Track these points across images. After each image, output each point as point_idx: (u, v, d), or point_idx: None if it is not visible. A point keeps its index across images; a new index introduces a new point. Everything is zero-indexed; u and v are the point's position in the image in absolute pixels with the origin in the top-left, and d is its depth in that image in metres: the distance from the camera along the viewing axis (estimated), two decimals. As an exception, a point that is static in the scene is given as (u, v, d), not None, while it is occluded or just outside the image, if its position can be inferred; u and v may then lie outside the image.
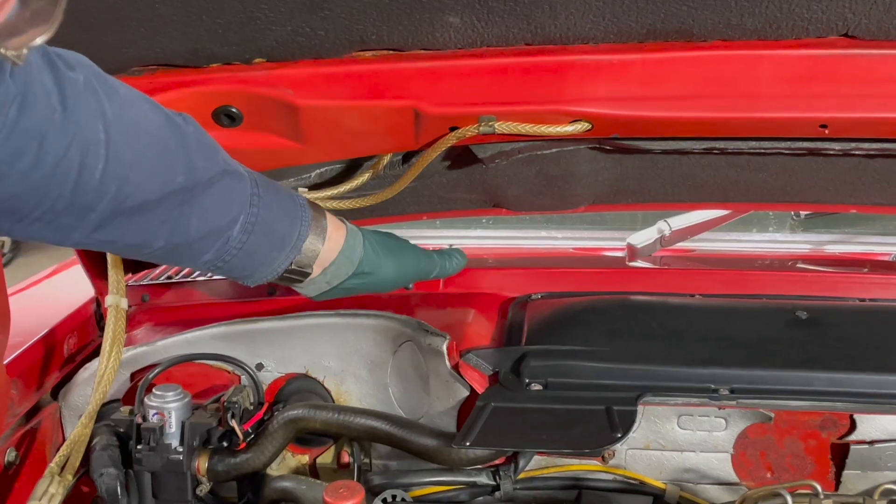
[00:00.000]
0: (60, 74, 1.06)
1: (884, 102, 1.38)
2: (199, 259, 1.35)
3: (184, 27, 1.37)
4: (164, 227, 1.24)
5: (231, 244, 1.35)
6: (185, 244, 1.30)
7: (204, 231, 1.30)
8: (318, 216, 1.49)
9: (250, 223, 1.35)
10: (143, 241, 1.25)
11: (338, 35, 1.40)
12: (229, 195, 1.32)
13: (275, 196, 1.41)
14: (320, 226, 1.48)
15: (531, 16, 1.34)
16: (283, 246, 1.43)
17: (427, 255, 1.74)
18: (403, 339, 1.82)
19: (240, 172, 1.36)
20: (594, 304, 1.96)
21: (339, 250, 1.51)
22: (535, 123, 1.46)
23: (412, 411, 1.83)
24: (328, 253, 1.50)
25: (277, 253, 1.43)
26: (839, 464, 1.76)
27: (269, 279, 1.48)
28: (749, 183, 1.83)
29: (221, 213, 1.31)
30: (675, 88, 1.42)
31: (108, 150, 1.11)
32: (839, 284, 2.10)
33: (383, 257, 1.60)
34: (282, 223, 1.42)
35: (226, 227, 1.33)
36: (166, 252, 1.30)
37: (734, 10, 1.31)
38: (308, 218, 1.46)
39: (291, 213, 1.44)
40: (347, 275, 1.55)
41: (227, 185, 1.31)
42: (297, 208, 1.45)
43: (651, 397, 1.63)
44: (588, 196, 1.94)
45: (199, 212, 1.27)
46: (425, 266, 1.73)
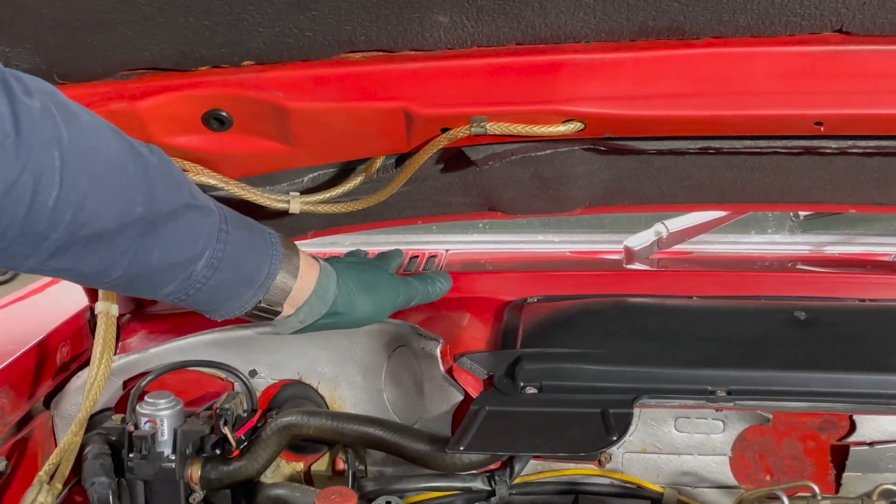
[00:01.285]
0: (15, 99, 1.04)
1: (879, 99, 1.36)
2: (161, 291, 1.33)
3: (170, 29, 1.36)
4: (124, 258, 1.22)
5: (195, 278, 1.33)
6: (146, 276, 1.28)
7: (166, 263, 1.28)
8: (291, 254, 1.48)
9: (216, 258, 1.33)
10: (101, 270, 1.23)
11: (326, 36, 1.39)
12: (194, 229, 1.30)
13: (245, 233, 1.40)
14: (292, 264, 1.47)
15: (521, 15, 1.33)
16: (251, 283, 1.42)
17: (406, 284, 1.72)
18: (397, 344, 1.80)
19: (208, 207, 1.34)
20: (590, 306, 1.94)
21: (312, 290, 1.51)
22: (527, 124, 1.45)
23: (407, 416, 1.82)
24: (300, 292, 1.49)
25: (245, 289, 1.42)
26: (839, 466, 1.74)
27: (238, 314, 1.46)
28: (746, 183, 1.82)
29: (185, 246, 1.29)
30: (667, 87, 1.41)
31: (62, 176, 1.08)
32: (839, 285, 2.09)
33: (358, 295, 1.59)
34: (250, 260, 1.41)
35: (189, 261, 1.31)
36: (126, 282, 1.28)
37: (726, 6, 1.30)
38: (279, 256, 1.45)
39: (262, 250, 1.43)
40: (321, 314, 1.55)
41: (192, 219, 1.29)
42: (269, 246, 1.44)
43: (647, 399, 1.62)
44: (584, 198, 1.92)
45: (161, 244, 1.25)
46: (404, 298, 1.71)
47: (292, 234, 1.96)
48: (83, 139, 1.12)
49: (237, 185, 1.62)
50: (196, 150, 1.56)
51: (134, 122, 1.48)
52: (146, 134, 1.51)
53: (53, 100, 1.11)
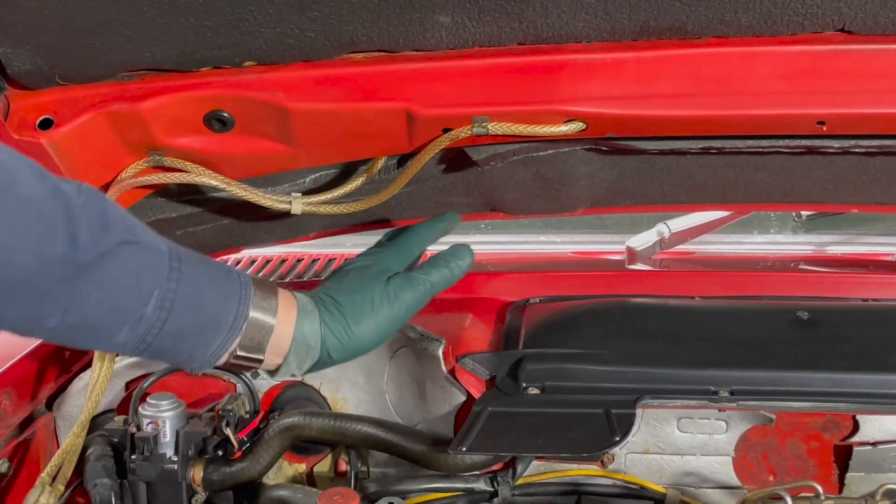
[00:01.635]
0: None
1: (881, 98, 1.36)
2: (114, 340, 1.21)
3: (172, 30, 1.36)
4: (56, 306, 1.14)
5: (147, 322, 1.19)
6: (89, 324, 1.18)
7: (108, 308, 1.17)
8: (266, 294, 1.32)
9: (168, 299, 1.20)
10: (31, 318, 1.15)
11: (327, 37, 1.38)
12: (135, 269, 1.18)
13: (204, 271, 1.26)
14: (268, 305, 1.31)
15: (522, 15, 1.33)
16: (217, 326, 1.26)
17: (413, 285, 1.45)
18: (399, 345, 1.80)
19: (153, 245, 1.22)
20: (592, 306, 1.94)
21: (292, 338, 1.33)
22: (528, 124, 1.45)
23: (409, 417, 1.82)
24: (281, 339, 1.32)
25: (212, 334, 1.26)
26: (842, 466, 1.74)
27: (216, 364, 1.31)
28: (748, 183, 1.82)
29: (126, 288, 1.18)
30: (669, 86, 1.40)
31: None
32: (841, 285, 2.09)
33: (353, 325, 1.38)
34: (213, 300, 1.26)
35: (135, 303, 1.19)
36: (68, 331, 1.18)
37: (728, 5, 1.30)
38: (249, 295, 1.29)
39: (227, 289, 1.28)
40: (314, 359, 1.37)
41: (131, 258, 1.18)
42: (237, 286, 1.28)
43: (650, 400, 1.62)
44: (586, 198, 1.92)
45: (97, 287, 1.15)
46: (414, 302, 1.45)
47: (294, 234, 1.96)
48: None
49: (239, 185, 1.61)
50: (198, 151, 1.55)
51: (135, 123, 1.48)
52: (148, 135, 1.51)
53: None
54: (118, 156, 1.56)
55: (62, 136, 1.46)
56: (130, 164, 1.58)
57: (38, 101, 1.47)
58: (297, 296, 1.37)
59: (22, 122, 1.46)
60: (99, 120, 1.47)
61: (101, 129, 1.49)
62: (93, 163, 1.55)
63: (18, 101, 1.47)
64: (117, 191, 1.57)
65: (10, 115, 1.46)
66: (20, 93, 1.47)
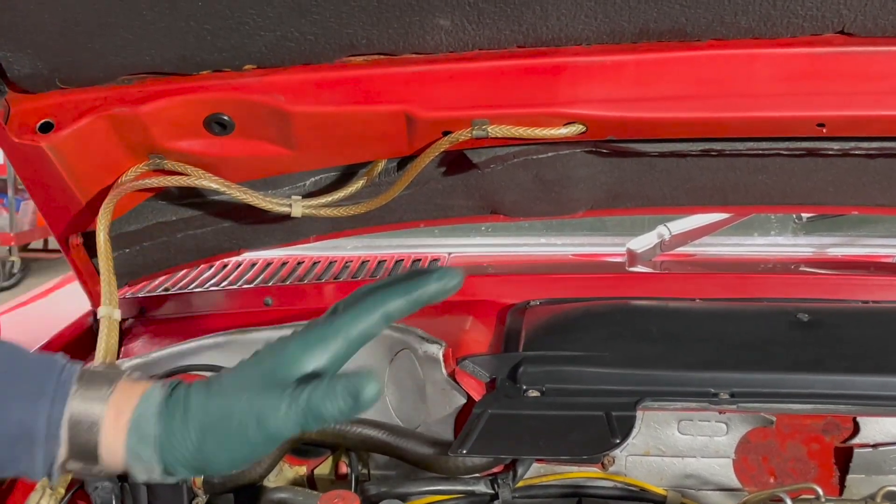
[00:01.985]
0: None
1: (881, 99, 1.36)
2: None
3: (172, 34, 1.36)
4: None
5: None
6: None
7: None
8: (95, 391, 1.04)
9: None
10: None
11: (327, 40, 1.39)
12: None
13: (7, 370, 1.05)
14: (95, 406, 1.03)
15: (522, 17, 1.33)
16: (31, 438, 1.02)
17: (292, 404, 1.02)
18: (400, 348, 1.80)
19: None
20: (592, 309, 1.94)
21: (123, 449, 1.04)
22: (528, 126, 1.45)
23: (409, 420, 1.81)
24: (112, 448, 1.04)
25: (27, 446, 1.02)
26: (843, 468, 1.74)
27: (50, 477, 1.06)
28: (749, 185, 1.82)
29: None
30: (669, 89, 1.41)
31: None
32: (842, 287, 2.09)
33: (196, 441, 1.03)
34: (16, 408, 1.02)
35: None
36: None
37: (727, 8, 1.30)
38: (65, 395, 1.03)
39: (37, 390, 1.03)
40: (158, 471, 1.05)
41: None
42: (51, 385, 1.03)
43: (650, 402, 1.61)
44: (586, 201, 1.92)
45: None
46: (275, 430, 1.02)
47: (295, 238, 1.96)
48: None
49: (239, 189, 1.61)
50: (198, 154, 1.56)
51: (136, 127, 1.49)
52: (148, 138, 1.52)
53: None
54: (118, 159, 1.56)
55: (63, 140, 1.47)
56: (131, 168, 1.58)
57: (39, 104, 1.47)
58: (153, 388, 1.07)
59: (22, 125, 1.46)
60: (99, 123, 1.47)
61: (101, 132, 1.49)
62: (93, 166, 1.55)
63: (19, 104, 1.47)
64: (117, 194, 1.57)
65: (10, 119, 1.47)
66: (21, 96, 1.47)
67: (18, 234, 8.94)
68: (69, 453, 1.04)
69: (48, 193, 1.62)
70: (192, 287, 2.21)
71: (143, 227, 1.76)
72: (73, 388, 1.03)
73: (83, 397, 1.03)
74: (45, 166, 1.51)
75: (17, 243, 9.05)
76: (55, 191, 1.59)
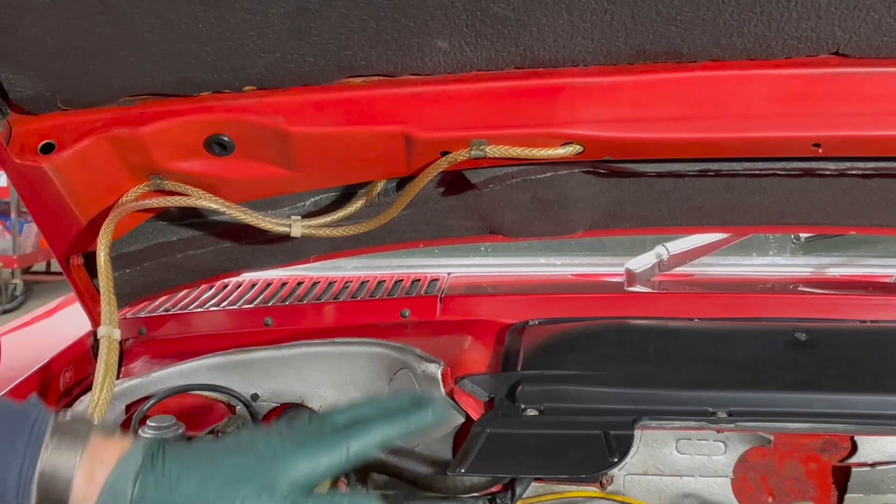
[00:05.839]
0: None
1: (875, 120, 1.37)
2: None
3: (172, 55, 1.37)
4: None
5: None
6: None
7: None
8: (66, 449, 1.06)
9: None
10: None
11: (327, 61, 1.40)
12: None
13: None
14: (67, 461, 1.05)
15: (519, 39, 1.34)
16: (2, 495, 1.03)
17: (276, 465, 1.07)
18: (398, 367, 1.80)
19: None
20: (591, 328, 1.95)
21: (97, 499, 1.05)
22: (526, 146, 1.46)
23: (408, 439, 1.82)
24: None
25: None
26: (841, 487, 1.74)
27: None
28: (746, 205, 1.82)
29: None
30: (666, 110, 1.41)
31: None
32: (839, 306, 2.09)
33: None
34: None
35: None
36: None
37: (723, 30, 1.31)
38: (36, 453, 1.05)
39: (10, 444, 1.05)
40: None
41: None
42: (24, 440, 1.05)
43: (648, 421, 1.62)
44: (584, 221, 1.93)
45: None
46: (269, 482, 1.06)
47: (295, 258, 1.97)
48: None
49: (239, 209, 1.62)
50: (198, 174, 1.56)
51: (136, 148, 1.49)
52: (149, 159, 1.52)
53: None
54: (119, 180, 1.57)
55: (64, 161, 1.48)
56: (131, 188, 1.59)
57: (40, 125, 1.48)
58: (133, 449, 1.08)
59: (24, 146, 1.47)
60: (100, 144, 1.48)
61: (102, 153, 1.50)
62: (94, 187, 1.56)
63: (21, 125, 1.48)
64: (118, 214, 1.58)
65: (12, 140, 1.48)
66: (22, 117, 1.48)
67: (21, 257, 8.93)
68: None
69: (49, 214, 1.63)
70: (193, 307, 2.21)
71: (143, 248, 1.77)
72: (44, 443, 1.04)
73: (55, 454, 1.05)
74: (47, 187, 1.51)
75: (21, 266, 9.03)
76: (56, 211, 1.60)
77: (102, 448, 1.07)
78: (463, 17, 1.29)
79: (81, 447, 1.06)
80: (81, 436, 1.07)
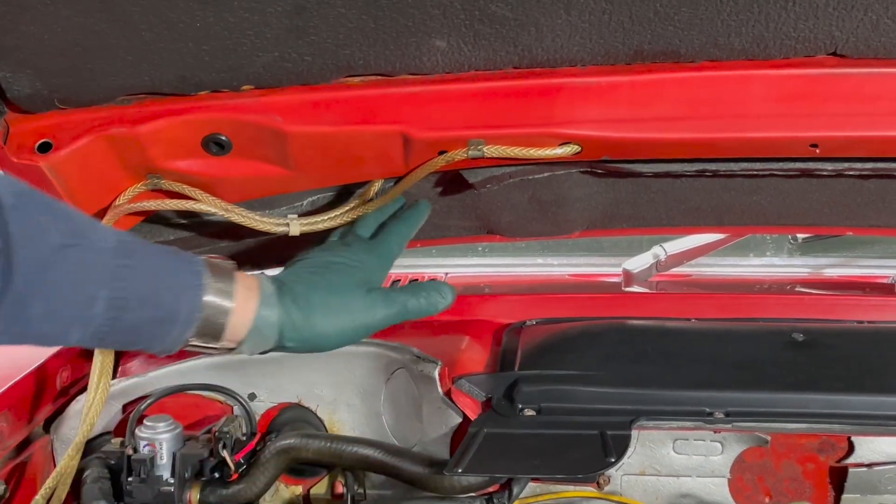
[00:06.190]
0: None
1: (873, 120, 1.37)
2: (65, 341, 1.18)
3: (170, 55, 1.37)
4: None
5: (96, 322, 1.14)
6: (36, 332, 1.13)
7: (52, 316, 1.11)
8: (224, 283, 1.26)
9: (118, 299, 1.14)
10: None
11: (325, 61, 1.39)
12: (78, 274, 1.11)
13: (155, 264, 1.20)
14: (225, 295, 1.25)
15: (517, 39, 1.34)
16: (173, 320, 1.21)
17: (388, 302, 1.41)
18: (396, 367, 1.80)
19: (96, 244, 1.14)
20: (588, 328, 1.95)
21: (250, 326, 1.28)
22: (524, 146, 1.45)
23: (405, 439, 1.82)
24: (237, 329, 1.27)
25: (168, 327, 1.21)
26: (838, 487, 1.74)
27: (171, 351, 1.26)
28: (744, 206, 1.82)
29: (69, 294, 1.11)
30: (663, 109, 1.41)
31: None
32: (836, 307, 2.09)
33: (319, 325, 1.34)
34: (166, 295, 1.20)
35: (81, 308, 1.12)
36: (16, 339, 1.12)
37: (721, 30, 1.31)
38: (201, 287, 1.23)
39: (181, 282, 1.22)
40: (268, 347, 1.33)
41: (71, 264, 1.11)
42: (190, 276, 1.23)
43: (645, 421, 1.62)
44: (582, 221, 1.93)
45: (39, 298, 1.08)
46: (384, 318, 1.40)
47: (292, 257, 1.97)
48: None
49: (236, 209, 1.62)
50: (196, 174, 1.56)
51: (134, 147, 1.49)
52: (146, 158, 1.52)
53: None
54: (117, 179, 1.57)
55: (61, 160, 1.47)
56: (129, 188, 1.58)
57: (38, 124, 1.48)
58: (262, 282, 1.32)
59: (21, 145, 1.47)
60: (98, 143, 1.48)
61: (99, 152, 1.49)
62: (91, 186, 1.56)
63: (18, 124, 1.48)
64: (115, 214, 1.57)
65: (9, 139, 1.47)
66: (20, 116, 1.47)
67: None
68: (196, 333, 1.24)
69: (46, 213, 1.62)
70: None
71: (140, 247, 1.76)
72: (208, 281, 1.24)
73: (215, 289, 1.24)
74: (44, 186, 1.51)
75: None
76: (53, 210, 1.60)
77: (246, 281, 1.29)
78: (461, 16, 1.29)
79: (232, 280, 1.27)
80: (228, 271, 1.28)
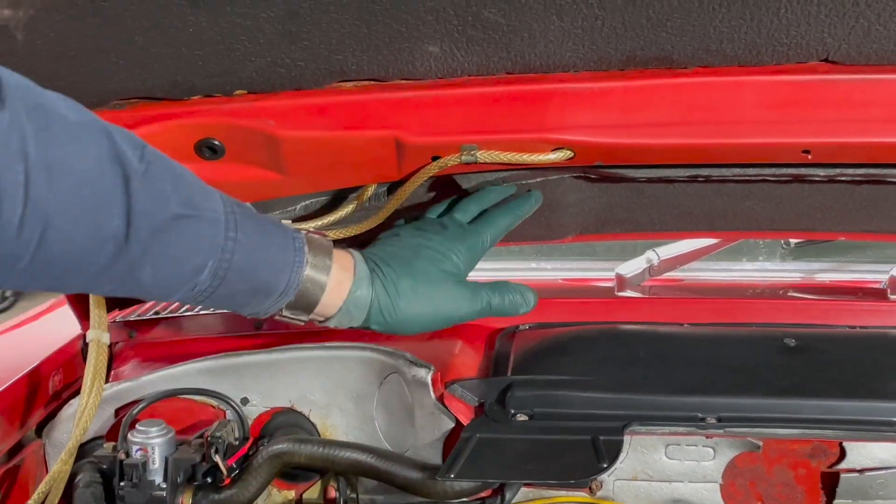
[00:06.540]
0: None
1: (865, 127, 1.37)
2: (167, 299, 1.25)
3: (163, 59, 1.37)
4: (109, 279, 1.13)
5: (200, 288, 1.22)
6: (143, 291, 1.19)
7: (161, 280, 1.17)
8: (321, 259, 1.34)
9: (222, 269, 1.21)
10: (87, 288, 1.16)
11: (317, 66, 1.39)
12: (192, 243, 1.18)
13: (260, 238, 1.27)
14: (320, 272, 1.33)
15: (510, 44, 1.34)
16: (267, 293, 1.30)
17: (474, 296, 1.50)
18: (389, 372, 1.80)
19: (210, 216, 1.20)
20: (581, 333, 1.95)
21: (340, 307, 1.38)
22: (517, 152, 1.46)
23: (398, 444, 1.82)
24: (329, 306, 1.36)
25: (262, 299, 1.30)
26: (830, 493, 1.74)
27: (263, 317, 1.37)
28: (736, 211, 1.83)
29: (181, 261, 1.18)
30: (656, 115, 1.41)
31: (27, 193, 0.99)
32: (829, 312, 2.09)
33: (406, 310, 1.41)
34: (265, 270, 1.28)
35: (189, 275, 1.20)
36: (124, 294, 1.19)
37: (713, 36, 1.31)
38: (301, 264, 1.31)
39: (281, 258, 1.30)
40: (355, 325, 1.42)
41: (187, 233, 1.17)
42: (291, 253, 1.30)
43: (638, 426, 1.62)
44: (575, 226, 1.93)
45: (151, 262, 1.14)
46: (468, 311, 1.49)
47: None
48: (54, 150, 1.03)
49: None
50: (188, 178, 1.56)
51: (126, 151, 1.49)
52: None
53: (30, 107, 1.03)
54: (109, 183, 1.57)
55: (53, 164, 1.47)
56: (121, 192, 1.58)
57: (30, 128, 1.47)
58: (356, 260, 1.42)
59: (13, 149, 1.46)
60: (90, 147, 1.48)
61: (92, 156, 1.49)
62: (84, 190, 1.55)
63: (10, 128, 1.47)
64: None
65: (2, 143, 1.47)
66: (12, 120, 1.47)
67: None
68: (288, 306, 1.34)
69: (39, 217, 1.62)
70: (183, 310, 2.21)
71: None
72: (306, 257, 1.31)
73: (313, 265, 1.32)
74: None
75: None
76: (46, 214, 1.59)
77: (342, 261, 1.38)
78: (454, 22, 1.29)
79: (329, 258, 1.35)
80: (327, 249, 1.36)
